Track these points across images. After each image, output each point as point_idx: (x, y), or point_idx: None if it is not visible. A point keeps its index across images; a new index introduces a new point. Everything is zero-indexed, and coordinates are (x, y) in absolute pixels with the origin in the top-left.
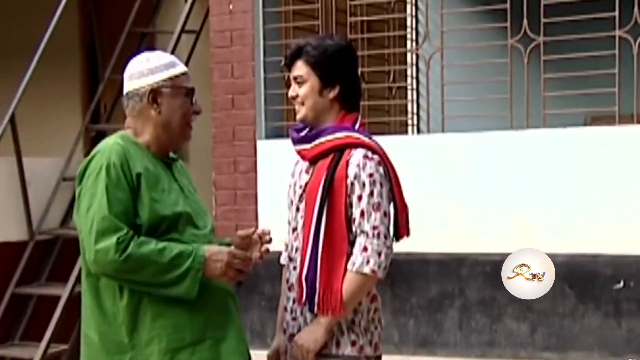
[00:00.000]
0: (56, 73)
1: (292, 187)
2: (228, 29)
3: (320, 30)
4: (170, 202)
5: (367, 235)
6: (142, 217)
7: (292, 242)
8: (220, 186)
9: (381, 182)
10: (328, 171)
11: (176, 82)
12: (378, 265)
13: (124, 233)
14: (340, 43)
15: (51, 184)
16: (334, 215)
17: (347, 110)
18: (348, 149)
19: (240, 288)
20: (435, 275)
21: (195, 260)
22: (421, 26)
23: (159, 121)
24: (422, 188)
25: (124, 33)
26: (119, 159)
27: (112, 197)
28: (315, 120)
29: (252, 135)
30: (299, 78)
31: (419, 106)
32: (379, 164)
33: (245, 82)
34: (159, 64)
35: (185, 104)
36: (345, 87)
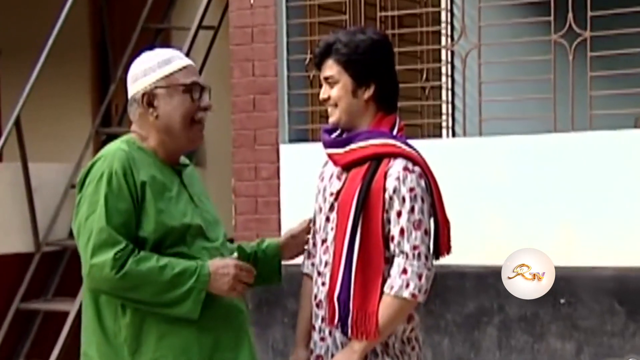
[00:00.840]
0: (64, 72)
1: (321, 193)
2: (249, 25)
3: (348, 26)
4: (178, 213)
5: (406, 256)
6: (146, 230)
7: (321, 254)
8: (240, 193)
9: (422, 197)
10: (363, 182)
11: (172, 80)
12: (418, 289)
13: (121, 247)
14: (373, 37)
15: (59, 191)
16: (370, 231)
17: (385, 112)
18: (386, 159)
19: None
20: (472, 289)
21: (199, 278)
22: (457, 21)
23: (159, 126)
24: (458, 196)
25: (137, 29)
26: (121, 166)
27: (111, 208)
28: (350, 123)
29: (275, 139)
30: (330, 79)
31: (454, 107)
32: (420, 177)
33: (267, 82)
34: (152, 63)
35: (184, 102)
36: (381, 86)
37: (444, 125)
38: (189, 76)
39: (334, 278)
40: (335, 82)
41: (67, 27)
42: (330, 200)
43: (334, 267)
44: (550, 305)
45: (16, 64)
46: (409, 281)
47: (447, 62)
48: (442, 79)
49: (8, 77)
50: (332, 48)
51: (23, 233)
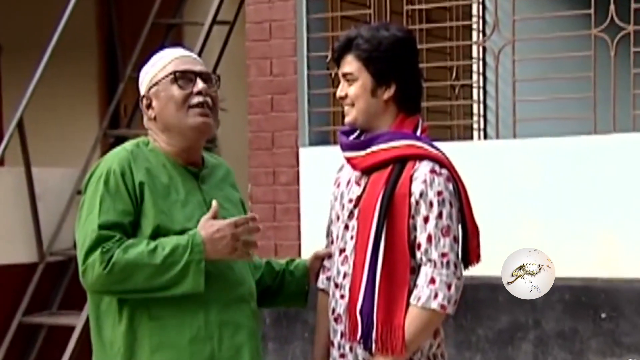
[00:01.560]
0: (70, 71)
1: (339, 200)
2: (266, 20)
3: (372, 20)
4: (182, 217)
5: (434, 265)
6: (145, 232)
7: (339, 265)
8: (257, 200)
9: (451, 202)
10: (387, 186)
11: (160, 75)
12: (447, 299)
13: (111, 241)
14: (396, 34)
15: (64, 197)
16: (395, 238)
17: (407, 113)
18: (411, 161)
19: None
20: (506, 303)
21: (193, 250)
22: (489, 14)
23: (160, 125)
24: (490, 202)
25: (147, 25)
26: (120, 166)
27: (106, 208)
28: (367, 124)
29: (294, 141)
30: (349, 75)
31: (486, 107)
32: (448, 180)
33: (286, 81)
34: (148, 67)
35: (172, 92)
36: (403, 87)
37: (475, 127)
38: (179, 66)
39: (356, 290)
40: (354, 79)
41: (72, 22)
42: (349, 207)
43: (354, 278)
44: (590, 319)
45: (18, 62)
46: (437, 291)
47: (478, 59)
48: (473, 77)
49: (10, 75)
50: (352, 43)
51: (26, 242)
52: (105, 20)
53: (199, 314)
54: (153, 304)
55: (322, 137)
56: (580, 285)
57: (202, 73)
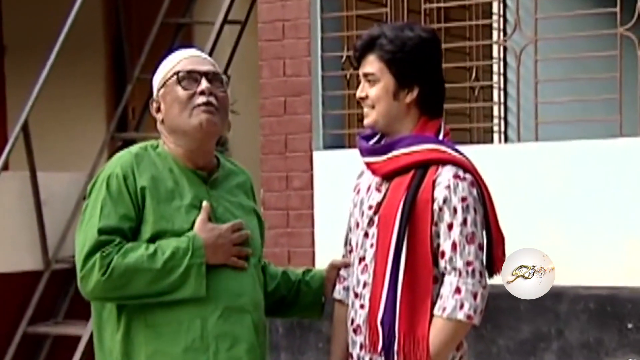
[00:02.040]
0: (76, 72)
1: (358, 207)
2: (279, 19)
3: (389, 19)
4: (184, 223)
5: (459, 274)
6: (143, 238)
7: (358, 274)
8: (269, 206)
9: (475, 208)
10: (408, 192)
11: (167, 77)
12: (474, 309)
13: (110, 246)
14: (421, 35)
15: (70, 203)
16: (418, 246)
17: (429, 117)
18: (434, 166)
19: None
20: (528, 312)
21: (194, 253)
22: (510, 12)
23: (167, 128)
24: (512, 208)
25: (156, 24)
26: (122, 169)
27: (107, 213)
28: (388, 127)
29: (308, 145)
30: (370, 76)
31: (507, 109)
32: (472, 186)
33: (299, 82)
34: (160, 70)
35: (176, 93)
36: (426, 90)
37: (496, 130)
38: (186, 66)
39: (376, 299)
40: (376, 80)
41: (79, 21)
42: (369, 214)
43: (375, 288)
44: (615, 330)
45: (23, 63)
46: (463, 301)
47: (499, 59)
48: (494, 78)
49: (14, 76)
50: (376, 42)
51: (31, 249)
52: (112, 19)
53: (196, 324)
54: (150, 310)
55: (337, 140)
56: (605, 294)
57: (208, 73)
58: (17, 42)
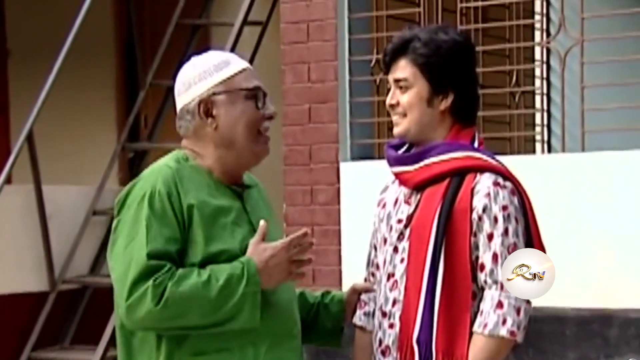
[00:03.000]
0: (85, 77)
1: (385, 221)
2: (304, 20)
3: (422, 20)
4: (233, 243)
5: (501, 287)
6: (193, 261)
7: (387, 291)
8: (293, 221)
9: (516, 217)
10: (444, 201)
11: (232, 85)
12: (517, 325)
13: (162, 272)
14: (456, 39)
15: (78, 219)
16: (455, 259)
17: (463, 125)
18: (471, 174)
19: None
20: (573, 337)
21: (249, 280)
22: (554, 12)
23: (218, 139)
24: (555, 223)
25: (170, 25)
26: (165, 186)
27: (154, 234)
28: (420, 136)
29: (334, 156)
30: (403, 82)
31: (551, 117)
32: (512, 194)
33: (325, 88)
34: (207, 66)
35: (248, 109)
36: (461, 96)
37: (538, 139)
38: (250, 80)
39: (409, 317)
40: (408, 86)
41: (88, 23)
42: (399, 227)
43: (407, 305)
44: None
45: (28, 68)
46: (505, 316)
47: (542, 62)
48: (536, 83)
49: (18, 82)
50: (408, 45)
51: (36, 268)
52: (123, 21)
53: (248, 352)
54: (196, 338)
55: (366, 150)
56: None
57: (265, 93)
58: (22, 46)
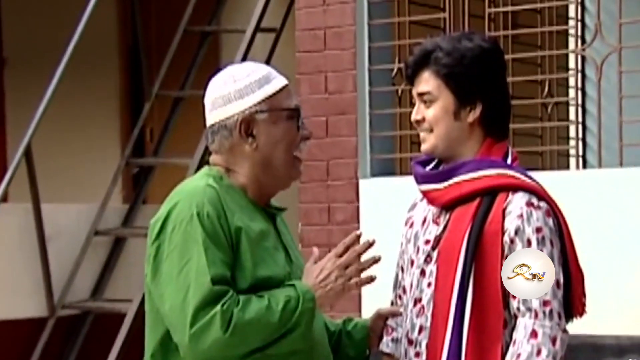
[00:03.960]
0: (87, 88)
1: (412, 242)
2: (320, 26)
3: (448, 26)
4: (277, 266)
5: (535, 315)
6: (241, 287)
7: (413, 317)
8: (309, 242)
9: (552, 240)
10: (474, 222)
11: (274, 103)
12: (553, 356)
13: (227, 297)
14: (482, 45)
15: (79, 239)
16: (486, 284)
17: (495, 138)
18: (503, 193)
19: None
20: None
21: (304, 298)
22: (590, 17)
23: (257, 159)
24: (591, 244)
25: (178, 33)
26: (214, 207)
27: (212, 257)
28: (449, 152)
29: (353, 172)
30: (427, 95)
31: (586, 129)
32: (547, 215)
33: (343, 99)
34: (249, 81)
35: (290, 131)
36: (490, 107)
37: (573, 153)
38: (291, 98)
39: (437, 346)
40: (433, 99)
41: (90, 31)
42: (427, 249)
43: (434, 332)
44: None
45: (25, 77)
46: (540, 347)
47: (576, 71)
48: (570, 93)
49: (15, 93)
50: (430, 57)
51: (33, 292)
52: (128, 28)
53: None
54: None
55: (387, 166)
56: None
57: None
58: (19, 54)
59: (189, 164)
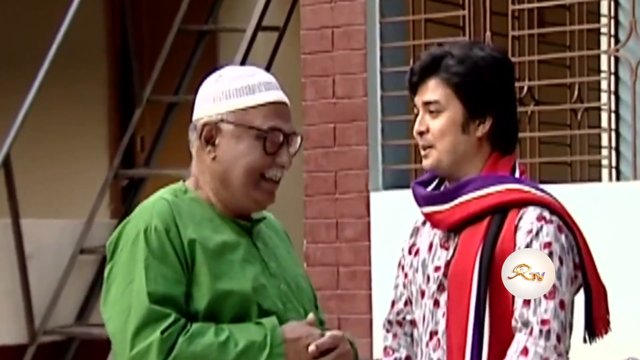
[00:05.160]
0: (71, 94)
1: (420, 271)
2: (327, 25)
3: (467, 24)
4: (244, 282)
5: (530, 332)
6: (199, 303)
7: (430, 352)
8: (315, 261)
9: (561, 257)
10: (485, 242)
11: (245, 118)
12: None
13: (170, 322)
14: (494, 55)
15: (63, 258)
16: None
17: (501, 153)
18: (514, 210)
19: None
20: None
21: (272, 351)
22: (624, 14)
23: (216, 171)
24: (623, 261)
25: (171, 32)
26: (162, 221)
27: (153, 276)
28: (453, 168)
29: (364, 184)
30: (433, 105)
31: (620, 137)
32: (559, 230)
33: (353, 105)
34: (230, 87)
35: (252, 152)
36: (500, 121)
37: (605, 164)
38: (270, 118)
39: None
40: (440, 110)
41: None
42: (438, 277)
43: None
44: None
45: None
46: None
47: (609, 74)
48: (602, 98)
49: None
50: (440, 63)
51: (13, 317)
52: (117, 28)
53: None
54: None
55: (400, 178)
56: None
57: (290, 134)
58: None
59: (184, 175)
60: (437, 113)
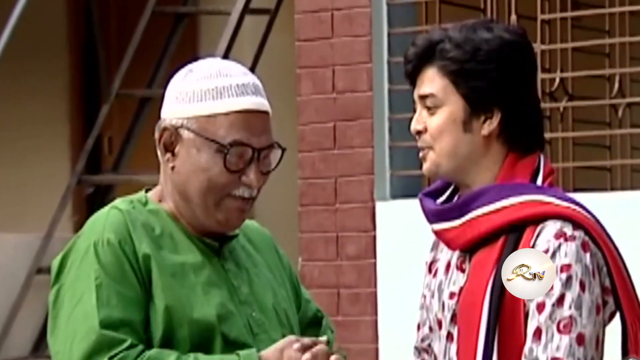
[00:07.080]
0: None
1: (437, 296)
2: (326, 7)
3: (489, 6)
4: (209, 307)
5: None
6: (153, 328)
7: None
8: (311, 282)
9: (583, 281)
10: (497, 269)
11: (207, 127)
12: None
13: (122, 348)
14: (503, 36)
15: (18, 277)
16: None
17: (520, 153)
18: (531, 227)
19: None
20: None
21: None
22: None
23: (175, 182)
24: None
25: (144, 16)
26: (115, 232)
27: (106, 295)
28: (458, 173)
29: (369, 192)
30: (430, 98)
31: None
32: (584, 248)
33: (356, 100)
34: (196, 87)
35: (212, 167)
36: (512, 116)
37: None
38: (235, 130)
39: None
40: (438, 104)
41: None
42: (451, 305)
43: None
44: None
45: None
46: None
47: None
48: None
49: None
50: (436, 49)
51: None
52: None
53: None
54: None
55: (410, 185)
56: None
57: (263, 149)
58: None
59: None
60: (435, 108)
